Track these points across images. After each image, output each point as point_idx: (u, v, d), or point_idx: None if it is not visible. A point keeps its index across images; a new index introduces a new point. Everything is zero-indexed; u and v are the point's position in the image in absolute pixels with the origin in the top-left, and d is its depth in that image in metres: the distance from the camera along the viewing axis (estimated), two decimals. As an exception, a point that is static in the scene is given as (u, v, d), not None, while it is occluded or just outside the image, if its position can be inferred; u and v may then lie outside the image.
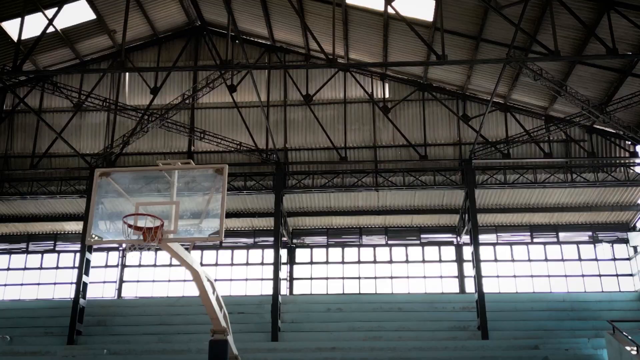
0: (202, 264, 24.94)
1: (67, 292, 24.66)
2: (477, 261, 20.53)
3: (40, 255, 25.36)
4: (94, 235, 8.16)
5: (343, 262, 24.75)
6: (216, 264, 24.87)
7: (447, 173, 22.17)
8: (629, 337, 15.91)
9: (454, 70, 21.71)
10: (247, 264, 25.02)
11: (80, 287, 20.86)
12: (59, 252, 25.40)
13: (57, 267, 25.20)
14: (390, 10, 19.53)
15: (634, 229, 23.86)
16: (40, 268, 25.18)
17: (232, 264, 24.88)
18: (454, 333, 20.31)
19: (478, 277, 20.29)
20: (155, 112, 22.32)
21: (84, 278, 21.15)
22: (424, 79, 22.75)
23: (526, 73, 17.76)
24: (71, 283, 24.68)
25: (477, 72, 21.39)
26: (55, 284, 24.90)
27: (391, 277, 24.35)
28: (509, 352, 18.37)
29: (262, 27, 22.86)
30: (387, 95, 23.32)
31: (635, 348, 15.24)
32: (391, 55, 21.77)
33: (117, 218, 8.14)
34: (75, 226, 24.92)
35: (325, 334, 20.39)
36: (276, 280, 21.06)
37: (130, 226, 7.70)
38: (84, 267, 21.18)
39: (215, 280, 24.91)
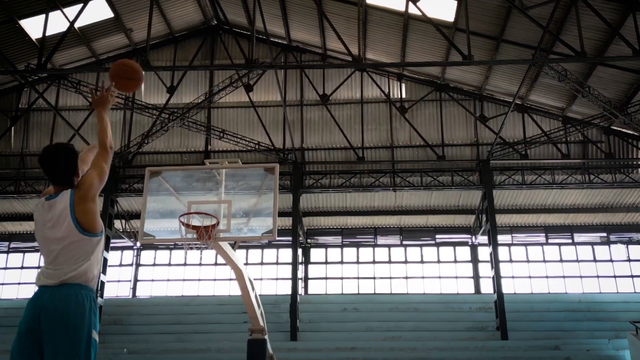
0: (216, 264, 25.00)
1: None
2: (495, 262, 20.53)
3: (54, 254, 25.30)
4: (146, 234, 8.13)
5: (358, 262, 24.76)
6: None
7: (465, 173, 22.18)
8: (653, 338, 15.96)
9: (472, 71, 21.72)
10: (261, 263, 25.01)
11: (99, 286, 20.77)
12: (73, 251, 25.33)
13: (71, 266, 25.14)
14: (410, 10, 19.62)
15: (649, 230, 23.94)
16: (55, 267, 25.10)
17: (246, 264, 24.85)
18: (472, 333, 20.31)
19: (497, 278, 20.29)
20: (175, 111, 22.28)
21: (102, 277, 21.08)
22: (442, 79, 22.76)
23: (551, 74, 17.78)
24: (85, 282, 24.64)
25: (496, 72, 21.41)
26: (69, 282, 24.83)
27: (406, 278, 24.36)
28: (530, 352, 18.39)
29: (279, 26, 22.83)
30: (403, 96, 23.32)
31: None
32: (409, 55, 21.77)
33: (169, 216, 8.12)
34: (90, 225, 24.84)
35: (343, 334, 20.37)
36: (294, 279, 21.05)
37: (187, 225, 7.68)
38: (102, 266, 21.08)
39: (230, 279, 24.94)
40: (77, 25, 21.49)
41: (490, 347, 18.92)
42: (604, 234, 24.36)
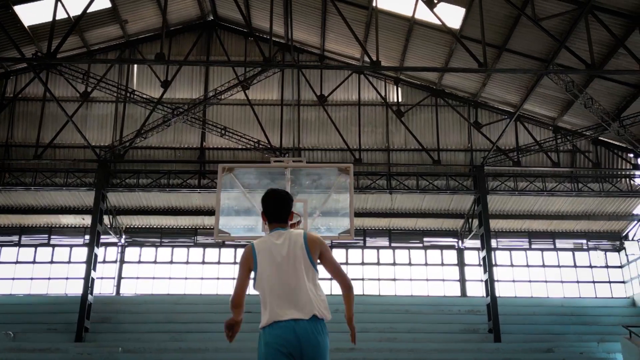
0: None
1: (62, 288, 23.90)
2: (489, 266, 20.98)
3: (33, 248, 24.46)
4: (222, 231, 7.99)
5: (347, 264, 24.81)
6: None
7: (459, 178, 22.56)
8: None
9: (470, 78, 22.12)
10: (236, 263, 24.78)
11: (89, 283, 20.18)
12: (53, 246, 24.56)
13: (51, 262, 24.35)
14: (417, 16, 19.86)
15: (626, 237, 24.89)
16: (34, 262, 24.28)
17: (235, 263, 24.60)
18: (465, 335, 20.69)
19: (490, 282, 20.74)
20: (171, 106, 21.84)
21: (92, 274, 20.49)
22: (438, 84, 23.09)
23: (559, 84, 18.26)
24: (66, 278, 23.97)
25: (494, 81, 21.86)
26: (49, 279, 24.04)
27: (394, 280, 24.58)
28: (525, 354, 18.87)
29: (279, 25, 22.69)
30: (400, 100, 23.54)
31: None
32: (408, 59, 21.99)
33: (244, 214, 8.01)
34: (73, 219, 24.18)
35: (338, 334, 20.27)
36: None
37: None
38: (92, 262, 20.54)
39: (217, 279, 24.62)
40: (73, 14, 20.89)
41: (486, 349, 19.32)
42: (584, 241, 25.21)
